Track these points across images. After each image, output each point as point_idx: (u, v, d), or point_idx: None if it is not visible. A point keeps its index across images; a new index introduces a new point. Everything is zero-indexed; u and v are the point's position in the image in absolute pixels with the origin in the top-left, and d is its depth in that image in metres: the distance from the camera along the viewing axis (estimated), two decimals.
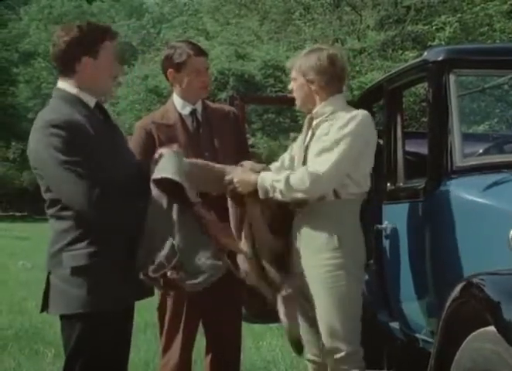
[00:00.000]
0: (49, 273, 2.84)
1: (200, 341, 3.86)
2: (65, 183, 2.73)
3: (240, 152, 3.70)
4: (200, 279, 2.80)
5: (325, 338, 3.30)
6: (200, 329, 3.74)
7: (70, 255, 2.77)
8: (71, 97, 2.89)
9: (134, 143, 3.53)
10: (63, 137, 2.72)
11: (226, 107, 3.94)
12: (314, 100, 3.42)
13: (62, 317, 2.85)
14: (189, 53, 3.61)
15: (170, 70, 3.67)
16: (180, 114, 3.69)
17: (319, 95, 3.40)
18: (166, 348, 3.66)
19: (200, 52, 3.68)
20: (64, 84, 2.92)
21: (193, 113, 3.70)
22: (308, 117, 3.48)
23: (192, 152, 3.43)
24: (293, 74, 3.47)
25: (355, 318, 3.31)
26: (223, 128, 3.70)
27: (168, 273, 2.75)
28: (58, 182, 2.76)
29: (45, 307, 2.87)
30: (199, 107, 3.72)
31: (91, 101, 2.91)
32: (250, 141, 15.61)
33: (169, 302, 3.61)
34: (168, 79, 3.74)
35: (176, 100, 3.72)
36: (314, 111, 3.42)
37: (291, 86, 3.48)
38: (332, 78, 3.39)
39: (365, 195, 3.41)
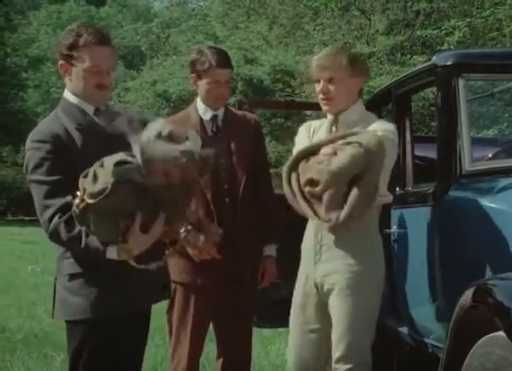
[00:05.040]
0: (55, 278, 2.86)
1: (208, 345, 3.86)
2: (33, 197, 2.74)
3: (256, 160, 3.70)
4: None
5: (338, 345, 3.23)
6: (208, 334, 3.74)
7: (67, 262, 2.78)
8: (68, 105, 2.84)
9: None
10: (40, 152, 2.71)
11: (249, 115, 3.91)
12: (350, 100, 3.32)
13: (66, 321, 2.85)
14: (211, 63, 3.57)
15: (192, 75, 3.67)
16: (201, 119, 3.69)
17: (356, 95, 3.34)
18: (175, 353, 3.65)
19: (223, 64, 3.62)
20: (66, 92, 2.88)
21: (214, 119, 3.69)
22: (332, 118, 3.36)
23: None
24: (334, 73, 3.26)
25: (371, 328, 3.27)
26: (242, 135, 3.68)
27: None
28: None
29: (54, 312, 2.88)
30: (220, 113, 3.71)
31: (89, 108, 2.84)
32: None
33: (177, 306, 3.61)
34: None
35: (199, 104, 3.72)
36: (343, 113, 3.31)
37: (332, 88, 3.26)
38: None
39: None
